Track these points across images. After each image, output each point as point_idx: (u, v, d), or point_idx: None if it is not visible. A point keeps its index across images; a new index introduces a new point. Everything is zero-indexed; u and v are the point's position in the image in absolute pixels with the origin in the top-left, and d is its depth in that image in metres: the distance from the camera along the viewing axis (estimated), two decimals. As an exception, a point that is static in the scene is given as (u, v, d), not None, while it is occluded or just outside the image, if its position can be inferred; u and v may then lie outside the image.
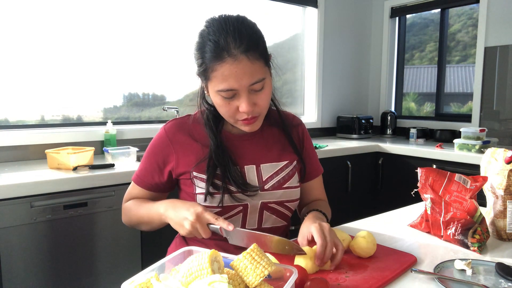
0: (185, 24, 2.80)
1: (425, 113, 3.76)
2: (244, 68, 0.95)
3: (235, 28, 0.96)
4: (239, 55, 0.94)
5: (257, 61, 0.97)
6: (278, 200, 1.13)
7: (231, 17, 1.00)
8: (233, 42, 0.94)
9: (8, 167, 1.98)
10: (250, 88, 0.97)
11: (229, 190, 1.07)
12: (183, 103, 2.90)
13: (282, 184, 1.13)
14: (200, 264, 0.70)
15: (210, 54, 0.96)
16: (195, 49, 1.02)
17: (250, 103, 0.98)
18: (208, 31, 0.98)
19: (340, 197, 2.95)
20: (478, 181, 1.13)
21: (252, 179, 1.11)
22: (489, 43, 3.07)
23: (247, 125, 1.04)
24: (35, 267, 1.68)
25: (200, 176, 1.08)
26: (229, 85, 0.96)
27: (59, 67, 2.35)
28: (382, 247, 1.05)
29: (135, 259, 1.94)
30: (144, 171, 1.14)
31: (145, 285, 0.69)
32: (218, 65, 0.95)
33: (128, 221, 1.17)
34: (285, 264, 0.79)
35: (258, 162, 1.13)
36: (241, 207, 1.09)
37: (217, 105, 1.03)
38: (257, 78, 0.97)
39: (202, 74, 1.01)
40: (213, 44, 0.95)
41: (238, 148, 1.13)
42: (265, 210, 1.12)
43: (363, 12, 3.86)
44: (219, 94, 0.98)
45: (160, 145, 1.13)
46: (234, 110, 1.00)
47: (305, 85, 3.61)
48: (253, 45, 0.96)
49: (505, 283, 0.87)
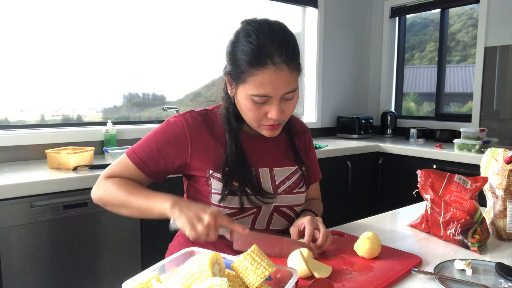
0: (185, 24, 2.80)
1: (425, 113, 3.76)
2: (283, 78, 0.96)
3: (280, 36, 0.97)
4: (281, 64, 0.95)
5: (295, 72, 1.00)
6: (289, 204, 1.14)
7: (274, 24, 1.00)
8: (278, 51, 0.95)
9: (8, 167, 1.97)
10: (283, 96, 0.99)
11: (246, 193, 1.07)
12: (183, 103, 2.90)
13: (293, 188, 1.14)
14: (201, 266, 0.71)
15: (251, 58, 0.95)
16: (231, 48, 1.01)
17: (279, 111, 1.00)
18: (249, 33, 0.97)
19: (340, 197, 2.95)
20: (478, 181, 1.13)
21: (266, 182, 1.11)
22: (489, 43, 3.07)
23: (270, 130, 1.05)
24: (35, 267, 1.68)
25: (216, 176, 1.07)
26: (266, 92, 0.97)
27: (59, 67, 2.34)
28: (387, 248, 1.05)
29: (135, 259, 1.94)
30: (150, 156, 1.06)
31: (146, 285, 0.69)
32: (258, 71, 0.95)
33: (105, 197, 1.05)
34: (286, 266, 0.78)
35: (272, 165, 1.13)
36: (255, 209, 1.09)
37: (245, 107, 1.02)
38: (292, 88, 0.99)
39: (236, 76, 1.00)
40: (256, 49, 0.95)
41: (254, 150, 1.13)
42: (275, 213, 1.13)
43: (363, 12, 3.86)
44: (252, 98, 0.99)
45: (177, 135, 1.07)
46: (262, 115, 1.02)
47: (305, 85, 3.61)
48: (296, 57, 0.99)
49: (505, 283, 0.87)
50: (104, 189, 1.06)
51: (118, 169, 1.08)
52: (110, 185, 1.05)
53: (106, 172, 1.09)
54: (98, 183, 1.09)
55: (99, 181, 1.09)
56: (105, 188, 1.06)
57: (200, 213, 0.93)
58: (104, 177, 1.09)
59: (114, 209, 1.07)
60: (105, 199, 1.06)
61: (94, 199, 1.09)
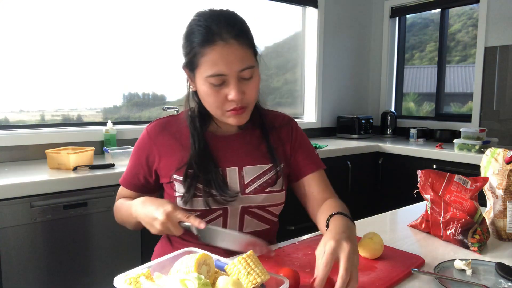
0: (185, 24, 2.80)
1: (425, 113, 3.76)
2: (235, 52, 0.95)
3: (226, 16, 0.98)
4: (230, 39, 0.95)
5: (248, 48, 0.98)
6: (260, 205, 1.09)
7: (224, 10, 1.02)
8: (225, 28, 0.95)
9: (8, 167, 1.97)
10: (240, 75, 0.97)
11: (210, 194, 1.05)
12: (183, 103, 2.89)
13: (265, 187, 1.09)
14: (188, 266, 0.72)
15: (200, 38, 0.96)
16: (184, 38, 1.02)
17: (239, 91, 0.97)
18: (199, 19, 0.99)
19: (340, 197, 2.92)
20: (478, 181, 1.13)
21: (233, 182, 1.07)
22: (489, 43, 3.07)
23: (235, 115, 1.01)
24: (35, 267, 1.68)
25: (179, 179, 1.06)
26: (219, 70, 0.95)
27: (59, 67, 2.34)
28: (389, 248, 1.04)
29: (135, 259, 1.94)
30: (129, 173, 1.15)
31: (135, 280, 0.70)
32: (208, 49, 0.95)
33: (117, 219, 1.19)
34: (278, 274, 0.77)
35: (241, 164, 1.09)
36: (221, 211, 1.07)
37: (205, 94, 1.00)
38: (247, 64, 0.97)
39: (190, 62, 1.01)
40: (204, 29, 0.96)
41: (221, 149, 1.10)
42: (245, 215, 1.09)
43: (363, 12, 3.86)
44: (208, 81, 0.97)
45: (143, 146, 1.13)
46: (223, 99, 0.99)
47: (305, 85, 3.61)
48: (244, 32, 0.99)
49: (505, 283, 0.87)
50: (114, 213, 1.20)
51: (119, 193, 1.21)
52: (116, 209, 1.18)
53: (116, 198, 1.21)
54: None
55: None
56: (114, 212, 1.20)
57: (153, 212, 0.94)
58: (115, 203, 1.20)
59: (127, 227, 1.17)
60: (118, 221, 1.19)
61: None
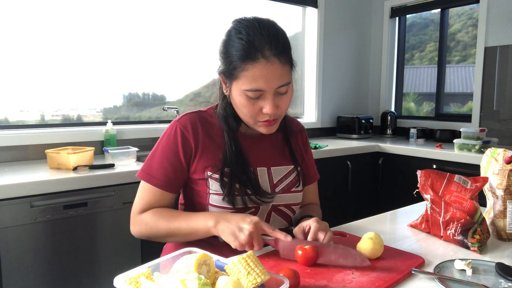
0: (185, 24, 2.80)
1: (425, 113, 3.76)
2: (275, 71, 0.97)
3: (270, 31, 0.98)
4: (272, 58, 0.96)
5: (287, 65, 1.00)
6: (287, 203, 1.14)
7: (264, 20, 1.01)
8: (268, 44, 0.96)
9: (8, 167, 1.97)
10: (276, 90, 1.00)
11: (246, 193, 1.07)
12: (183, 103, 2.90)
13: (291, 187, 1.15)
14: (188, 266, 0.72)
15: (242, 53, 0.96)
16: (223, 47, 1.02)
17: (274, 105, 1.00)
18: (239, 30, 0.99)
19: (340, 197, 2.95)
20: (478, 181, 1.13)
21: (264, 181, 1.12)
22: (489, 43, 3.07)
23: (267, 126, 1.05)
24: (35, 267, 1.68)
25: (214, 176, 1.07)
26: (258, 86, 0.97)
27: (59, 67, 2.34)
28: (389, 248, 1.04)
29: (135, 259, 1.94)
30: (166, 173, 1.07)
31: (135, 280, 0.70)
32: (250, 65, 0.96)
33: (147, 233, 1.07)
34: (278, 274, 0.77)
35: (269, 164, 1.14)
36: (253, 209, 1.10)
37: (240, 104, 1.02)
38: (285, 82, 1.00)
39: (228, 73, 1.01)
40: (247, 44, 0.96)
41: (252, 150, 1.13)
42: (273, 212, 1.13)
43: (363, 12, 3.86)
44: (245, 93, 0.99)
45: (178, 141, 1.08)
46: (257, 111, 1.02)
47: (305, 85, 3.61)
48: (285, 50, 0.99)
49: (505, 283, 0.87)
50: (143, 224, 1.07)
51: (145, 201, 1.08)
52: (148, 220, 1.06)
53: (136, 208, 1.09)
54: (133, 221, 1.10)
55: (133, 218, 1.10)
56: (144, 223, 1.07)
57: (240, 223, 0.94)
58: (136, 214, 1.09)
59: (158, 239, 1.09)
60: (148, 234, 1.08)
61: (136, 236, 1.10)
